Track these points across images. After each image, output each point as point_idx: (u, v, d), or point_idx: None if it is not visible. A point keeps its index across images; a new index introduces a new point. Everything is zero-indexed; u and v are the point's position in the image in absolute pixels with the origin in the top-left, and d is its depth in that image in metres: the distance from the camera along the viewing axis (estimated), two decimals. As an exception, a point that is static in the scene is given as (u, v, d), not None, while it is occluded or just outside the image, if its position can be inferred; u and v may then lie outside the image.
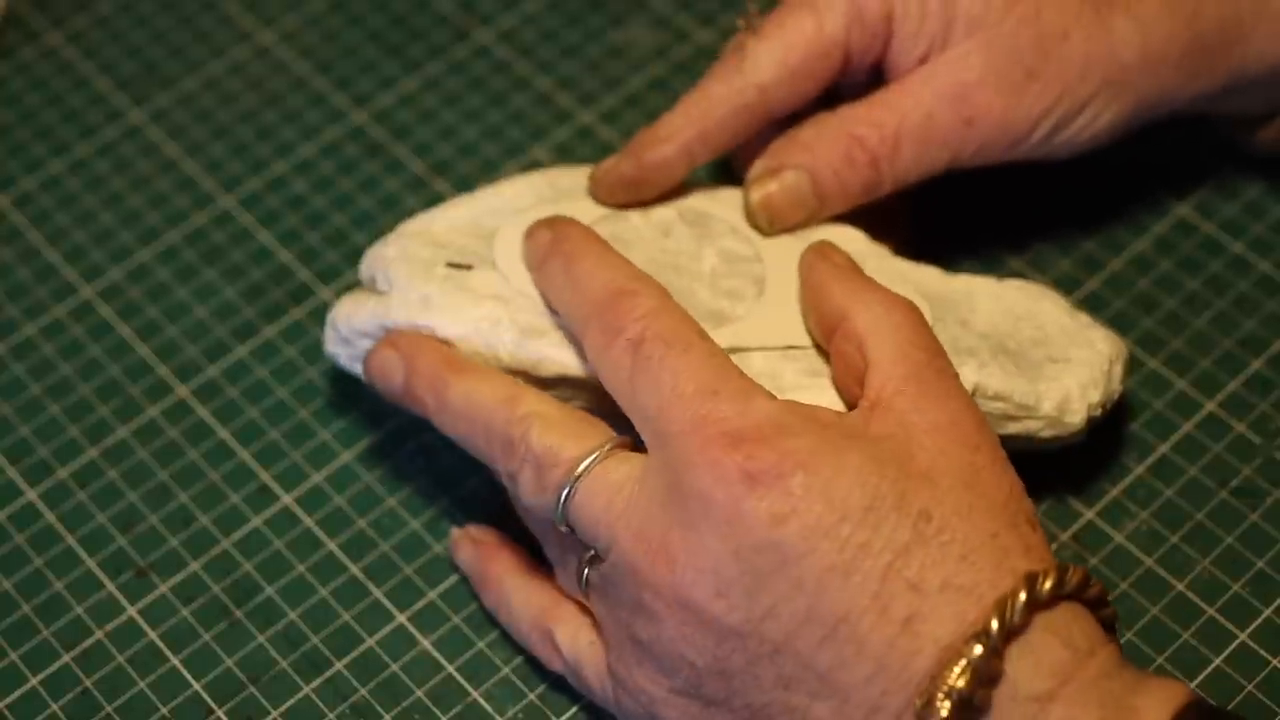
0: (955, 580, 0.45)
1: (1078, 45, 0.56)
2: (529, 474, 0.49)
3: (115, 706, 0.54)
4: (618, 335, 0.49)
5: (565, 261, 0.52)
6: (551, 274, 0.52)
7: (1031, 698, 0.43)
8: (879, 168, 0.56)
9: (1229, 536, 0.56)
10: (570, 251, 0.52)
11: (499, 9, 0.72)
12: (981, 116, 0.56)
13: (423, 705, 0.54)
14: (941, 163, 0.57)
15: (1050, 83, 0.56)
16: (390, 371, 0.54)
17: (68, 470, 0.60)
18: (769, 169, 0.57)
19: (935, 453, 0.46)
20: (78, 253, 0.66)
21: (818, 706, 0.45)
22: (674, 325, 0.48)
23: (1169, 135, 0.65)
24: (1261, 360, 0.60)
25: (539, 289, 0.54)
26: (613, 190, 0.56)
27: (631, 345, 0.48)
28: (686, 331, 0.48)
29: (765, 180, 0.56)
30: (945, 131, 0.56)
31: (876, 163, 0.56)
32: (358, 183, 0.67)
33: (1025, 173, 0.65)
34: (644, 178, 0.56)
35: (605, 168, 0.57)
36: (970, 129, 0.56)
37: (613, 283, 0.50)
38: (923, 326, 0.49)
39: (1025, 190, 0.65)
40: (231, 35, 0.72)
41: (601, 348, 0.49)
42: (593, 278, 0.51)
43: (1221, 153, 0.65)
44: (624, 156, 0.56)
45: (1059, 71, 0.56)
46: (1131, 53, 0.57)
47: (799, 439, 0.46)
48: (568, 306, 0.52)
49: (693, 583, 0.45)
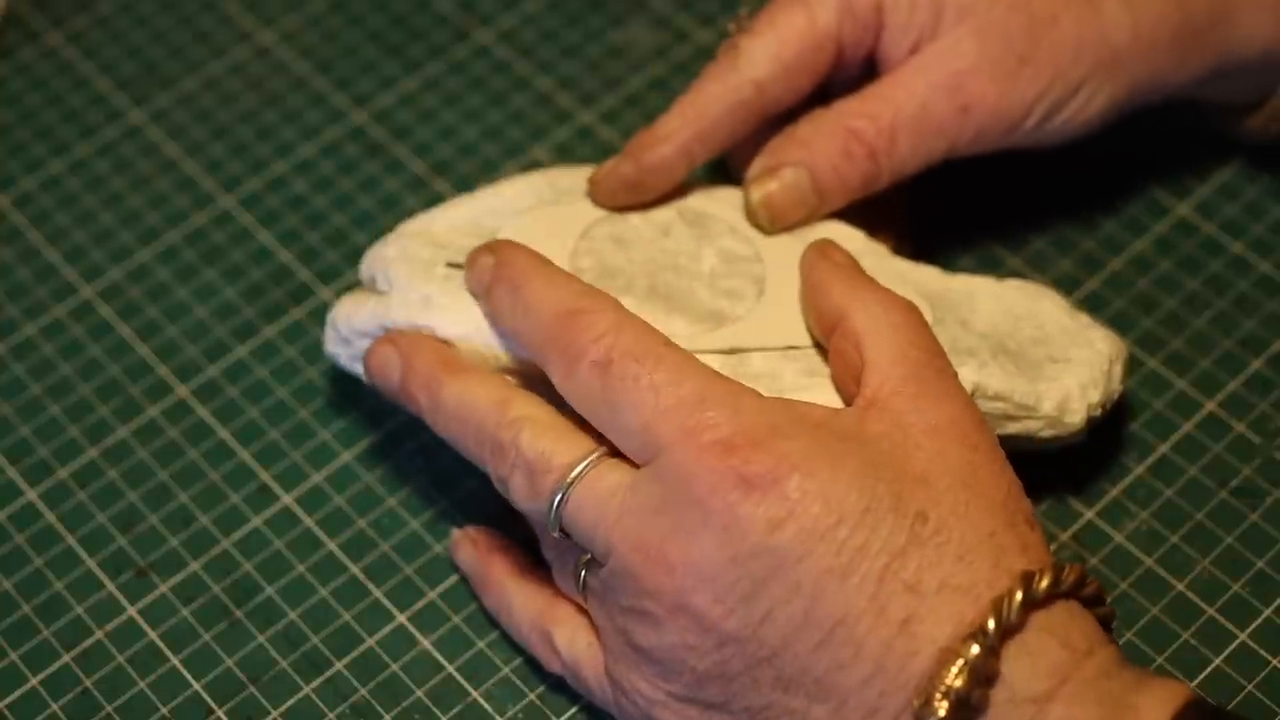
0: (952, 581, 0.45)
1: (1068, 29, 0.56)
2: (520, 479, 0.49)
3: (115, 706, 0.54)
4: (580, 358, 0.48)
5: (511, 287, 0.51)
6: (499, 301, 0.52)
7: (1029, 699, 0.43)
8: (877, 160, 0.56)
9: (1229, 536, 0.56)
10: (514, 276, 0.51)
11: (499, 9, 0.72)
12: (976, 104, 0.56)
13: (423, 705, 0.54)
14: (939, 152, 0.57)
15: (1043, 67, 0.56)
16: (388, 369, 0.54)
17: (68, 470, 0.60)
18: (768, 167, 0.57)
19: (932, 453, 0.46)
20: (78, 253, 0.66)
21: (816, 709, 0.45)
22: (638, 338, 0.48)
23: (1169, 135, 0.65)
24: (1261, 360, 0.60)
25: (488, 317, 0.53)
26: (613, 193, 0.56)
27: (598, 367, 0.48)
28: (653, 343, 0.48)
29: (765, 179, 0.56)
30: (941, 120, 0.56)
31: (874, 155, 0.56)
32: (358, 183, 0.67)
33: (1025, 172, 0.65)
34: (643, 180, 0.56)
35: (605, 170, 0.57)
36: (966, 116, 0.56)
37: (563, 303, 0.49)
38: (922, 327, 0.49)
39: (1025, 190, 0.65)
40: (231, 35, 0.72)
41: (565, 374, 0.49)
42: (542, 301, 0.50)
43: (1222, 153, 0.65)
44: (623, 159, 0.56)
45: (1051, 56, 0.56)
46: (1123, 35, 0.57)
47: (793, 441, 0.46)
48: (521, 334, 0.51)
49: (691, 589, 0.45)
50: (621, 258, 0.55)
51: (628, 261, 0.55)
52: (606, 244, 0.56)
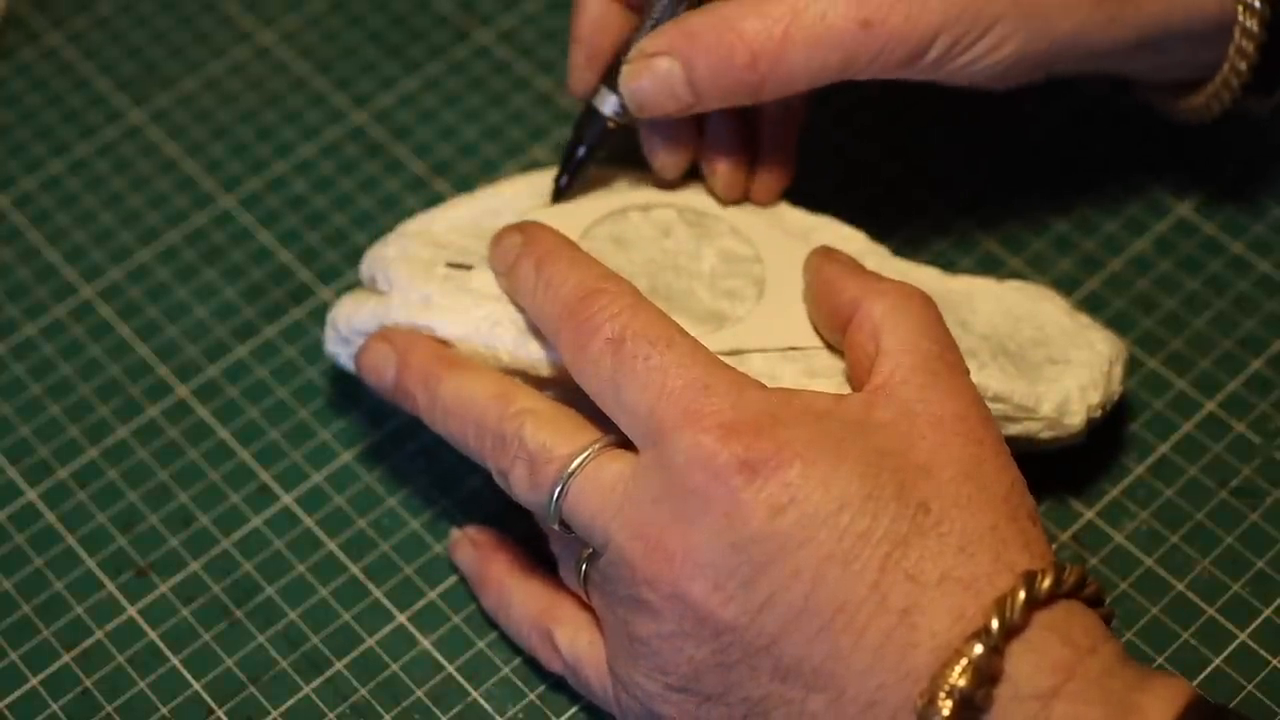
0: (954, 573, 0.44)
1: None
2: (521, 471, 0.49)
3: (115, 706, 0.54)
4: (594, 334, 0.48)
5: (536, 264, 0.52)
6: (522, 276, 0.52)
7: (1033, 695, 0.43)
8: (758, 68, 0.53)
9: (1229, 536, 0.56)
10: (541, 254, 0.52)
11: (499, 9, 0.72)
12: (880, 21, 0.53)
13: (423, 705, 0.54)
14: (832, 68, 0.54)
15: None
16: (382, 366, 0.54)
17: (68, 470, 0.60)
18: (645, 53, 0.55)
19: (937, 444, 0.46)
20: (78, 253, 0.66)
21: (814, 699, 0.45)
22: (653, 321, 0.48)
23: (1169, 135, 0.65)
24: (1261, 360, 0.60)
25: (508, 293, 0.53)
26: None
27: (612, 344, 0.48)
28: (667, 328, 0.48)
29: (639, 66, 0.55)
30: (839, 33, 0.53)
31: (755, 63, 0.53)
32: (358, 183, 0.67)
33: (1024, 173, 0.65)
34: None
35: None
36: (866, 32, 0.53)
37: (584, 283, 0.50)
38: (936, 319, 0.49)
39: (1025, 190, 0.65)
40: (231, 35, 0.72)
41: (578, 347, 0.49)
42: (565, 278, 0.50)
43: (1222, 153, 0.65)
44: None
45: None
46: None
47: (796, 429, 0.46)
48: (539, 308, 0.51)
49: (690, 577, 0.45)
50: (621, 258, 0.56)
51: (628, 261, 0.55)
52: (606, 244, 0.56)
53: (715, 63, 0.54)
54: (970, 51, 0.54)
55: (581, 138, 0.57)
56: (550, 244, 0.52)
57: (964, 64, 0.54)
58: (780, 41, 0.53)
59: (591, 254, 0.55)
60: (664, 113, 0.55)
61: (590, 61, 0.58)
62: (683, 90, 0.54)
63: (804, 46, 0.53)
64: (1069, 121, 0.65)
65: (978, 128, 0.66)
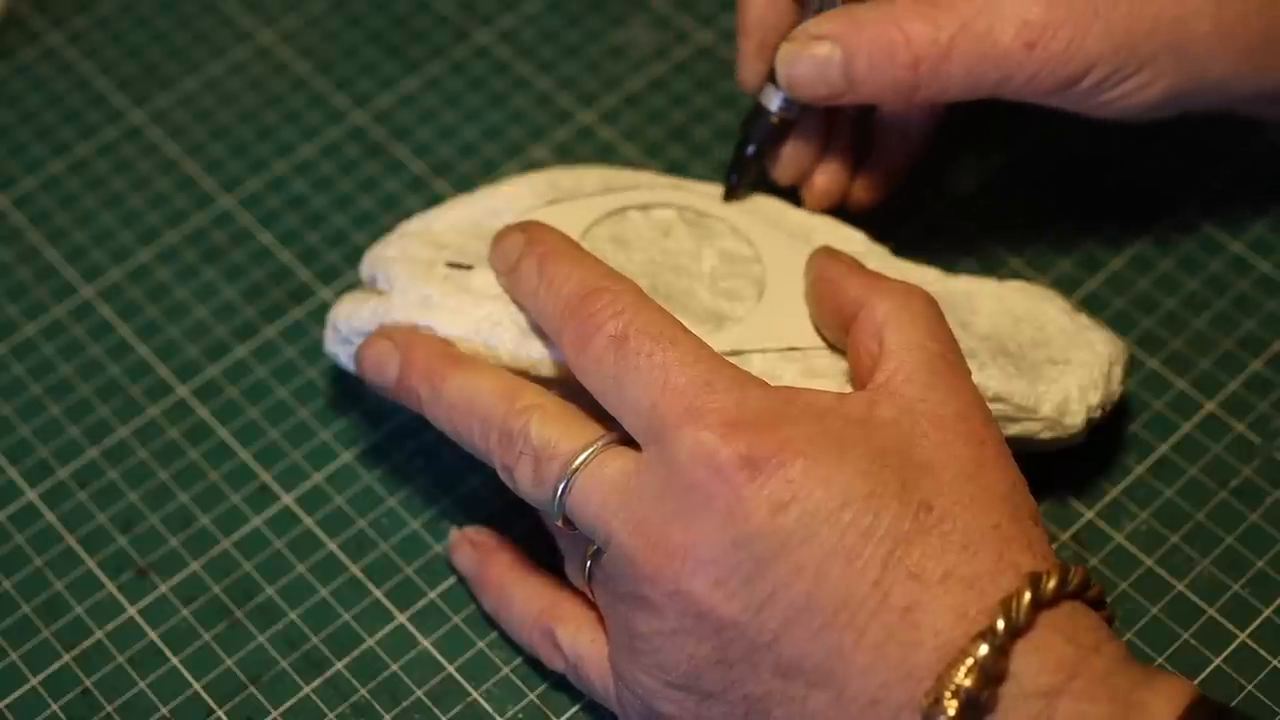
0: (956, 571, 0.44)
1: (1152, 1, 0.55)
2: (527, 466, 0.49)
3: (115, 706, 0.54)
4: (597, 331, 0.49)
5: (539, 262, 0.52)
6: (525, 275, 0.52)
7: (1038, 693, 0.43)
8: (918, 71, 0.54)
9: (1229, 536, 0.56)
10: (544, 253, 0.52)
11: (499, 9, 0.72)
12: (1043, 45, 0.54)
13: (423, 705, 0.54)
14: (987, 84, 0.55)
15: (1115, 28, 0.54)
16: (385, 362, 0.54)
17: (68, 470, 0.60)
18: (810, 34, 0.55)
19: (939, 443, 0.46)
20: (78, 253, 0.66)
21: (815, 696, 0.45)
22: (656, 319, 0.48)
23: (1169, 134, 0.65)
24: (1261, 360, 0.60)
25: (510, 292, 0.54)
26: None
27: (614, 342, 0.48)
28: (669, 325, 0.48)
29: (800, 46, 0.55)
30: (1003, 51, 0.54)
31: (917, 65, 0.54)
32: (358, 183, 0.67)
33: (1025, 173, 0.65)
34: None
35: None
36: (1028, 54, 0.54)
37: (587, 282, 0.50)
38: (940, 319, 0.50)
39: (1025, 190, 0.65)
40: (231, 35, 0.72)
41: (580, 345, 0.49)
42: (568, 277, 0.51)
43: (1222, 153, 0.65)
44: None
45: (1127, 21, 0.54)
46: (1204, 24, 0.55)
47: (798, 426, 0.46)
48: (542, 306, 0.51)
49: (692, 574, 0.45)
50: (622, 257, 0.56)
51: (628, 261, 0.55)
52: (606, 244, 0.56)
53: (877, 57, 0.54)
54: (1121, 86, 0.55)
55: (749, 135, 0.58)
56: (553, 243, 0.52)
57: (1113, 98, 0.56)
58: (945, 49, 0.54)
59: (592, 254, 0.55)
60: (814, 96, 0.56)
61: (761, 51, 0.59)
62: (838, 78, 0.55)
63: (966, 59, 0.54)
64: (1070, 121, 0.65)
65: (978, 128, 0.66)
